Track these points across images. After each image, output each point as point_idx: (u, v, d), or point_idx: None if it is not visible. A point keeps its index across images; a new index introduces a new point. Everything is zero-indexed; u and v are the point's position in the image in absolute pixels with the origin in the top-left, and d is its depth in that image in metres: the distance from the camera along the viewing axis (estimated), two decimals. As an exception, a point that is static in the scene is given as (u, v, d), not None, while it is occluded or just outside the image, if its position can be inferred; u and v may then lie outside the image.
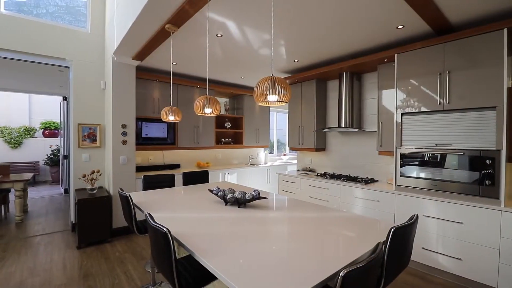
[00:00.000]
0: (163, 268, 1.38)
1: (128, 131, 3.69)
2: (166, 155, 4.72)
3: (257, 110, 5.67)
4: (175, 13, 2.30)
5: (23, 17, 3.46)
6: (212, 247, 1.34)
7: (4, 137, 7.78)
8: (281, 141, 7.42)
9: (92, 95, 3.89)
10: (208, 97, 2.07)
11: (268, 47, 3.22)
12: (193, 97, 4.70)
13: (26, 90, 6.45)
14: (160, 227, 1.28)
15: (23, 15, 3.51)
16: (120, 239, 3.54)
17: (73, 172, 3.77)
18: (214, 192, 2.28)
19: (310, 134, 4.02)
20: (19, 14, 3.49)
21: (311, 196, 3.68)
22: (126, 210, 2.09)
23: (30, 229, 3.97)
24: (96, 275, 2.62)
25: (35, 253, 3.11)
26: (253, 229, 1.63)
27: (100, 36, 3.97)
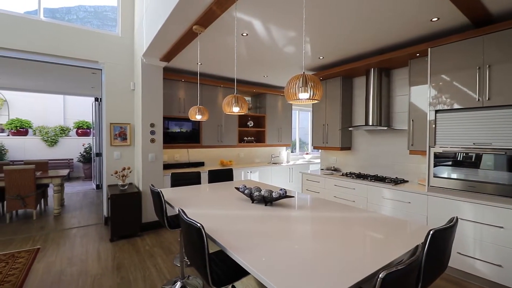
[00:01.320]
0: (196, 262, 1.42)
1: (156, 130, 3.83)
2: (191, 153, 4.84)
3: (280, 108, 5.65)
4: (202, 14, 2.35)
5: (60, 23, 3.69)
6: (242, 244, 1.36)
7: (42, 136, 8.38)
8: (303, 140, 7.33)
9: (122, 95, 4.07)
10: (236, 96, 2.09)
11: (293, 45, 3.19)
12: (217, 96, 4.78)
13: (61, 91, 6.90)
14: (194, 222, 1.32)
15: (61, 22, 3.75)
16: (149, 233, 3.69)
17: (106, 168, 3.97)
18: (240, 190, 2.30)
19: (335, 133, 3.94)
20: (56, 20, 3.73)
21: (336, 196, 3.61)
22: (157, 205, 2.18)
23: (67, 221, 4.25)
24: (128, 266, 2.75)
25: (72, 244, 3.32)
26: (281, 227, 1.64)
27: (129, 39, 4.14)
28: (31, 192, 4.19)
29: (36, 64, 4.01)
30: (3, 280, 2.45)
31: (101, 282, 2.45)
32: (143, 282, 2.46)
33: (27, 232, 3.73)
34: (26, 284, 2.41)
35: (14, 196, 4.10)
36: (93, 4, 5.06)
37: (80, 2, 4.77)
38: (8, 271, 2.63)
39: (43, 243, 3.36)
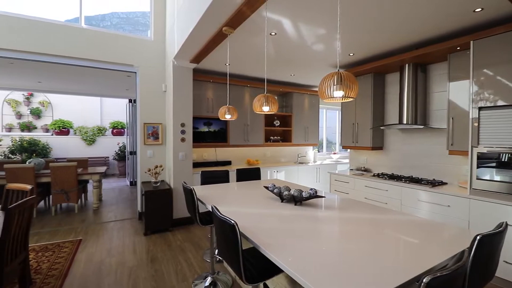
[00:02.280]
0: (229, 258, 1.45)
1: (186, 130, 3.96)
2: (219, 152, 4.94)
3: (306, 107, 5.58)
4: (232, 16, 2.39)
5: (99, 30, 3.95)
6: (274, 242, 1.37)
7: (82, 135, 9.04)
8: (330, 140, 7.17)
9: (154, 97, 4.27)
10: (266, 96, 2.10)
11: (322, 42, 3.14)
12: (244, 96, 4.83)
13: (98, 94, 7.40)
14: (228, 219, 1.35)
15: (100, 28, 4.01)
16: (180, 229, 3.83)
17: (140, 166, 4.19)
18: (269, 189, 2.31)
19: (366, 132, 3.81)
20: (95, 27, 4.00)
21: (367, 198, 3.49)
22: (189, 202, 2.25)
23: (104, 215, 4.54)
24: (161, 260, 2.88)
25: (110, 237, 3.55)
26: (312, 227, 1.62)
27: (161, 43, 4.32)
28: (73, 187, 4.55)
29: (77, 69, 4.33)
30: (51, 268, 2.68)
31: (137, 273, 2.59)
32: (175, 275, 2.56)
33: (70, 224, 4.05)
34: (71, 272, 2.62)
35: (58, 191, 4.47)
36: (125, 11, 5.34)
37: (113, 9, 5.06)
38: (55, 259, 2.88)
39: (84, 234, 3.63)
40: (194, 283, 2.41)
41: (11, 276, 1.81)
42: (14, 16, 3.47)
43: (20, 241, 1.88)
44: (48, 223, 4.09)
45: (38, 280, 2.44)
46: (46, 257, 2.92)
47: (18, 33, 3.47)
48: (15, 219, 1.71)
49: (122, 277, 2.53)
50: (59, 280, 2.44)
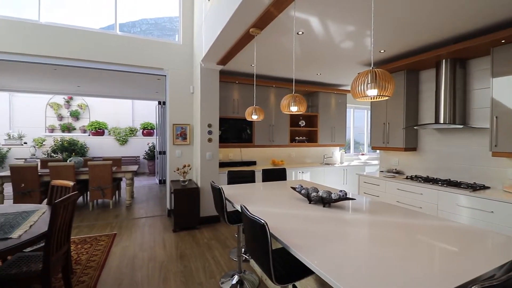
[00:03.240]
0: (258, 257, 1.45)
1: (213, 130, 4.05)
2: (244, 152, 4.99)
3: (333, 107, 5.45)
4: (260, 16, 2.40)
5: (132, 36, 4.17)
6: (304, 243, 1.35)
7: (115, 136, 9.59)
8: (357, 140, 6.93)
9: (183, 98, 4.41)
10: (295, 96, 2.09)
11: (351, 40, 3.05)
12: (269, 97, 4.83)
13: (130, 97, 7.79)
14: (258, 219, 1.36)
15: (133, 35, 4.23)
16: (207, 227, 3.92)
17: (169, 165, 4.35)
18: (297, 189, 2.29)
19: (398, 132, 3.63)
20: (129, 34, 4.23)
21: (399, 201, 3.32)
22: (218, 201, 2.30)
23: (136, 212, 4.78)
24: (189, 256, 2.97)
25: (142, 232, 3.72)
26: (342, 229, 1.58)
27: (189, 46, 4.46)
28: (108, 184, 4.83)
29: (112, 73, 4.60)
30: (89, 259, 2.87)
31: (168, 268, 2.69)
32: (203, 272, 2.62)
33: (106, 219, 4.31)
34: (107, 264, 2.79)
35: (95, 187, 4.77)
36: (153, 17, 5.56)
37: (142, 16, 5.31)
38: (93, 251, 3.08)
39: (118, 229, 3.84)
40: (221, 281, 2.45)
41: (56, 266, 1.96)
42: (58, 26, 3.77)
43: (64, 234, 2.04)
44: (86, 217, 4.39)
45: (78, 271, 2.62)
46: (85, 249, 3.13)
47: (61, 41, 3.77)
48: (60, 213, 1.85)
49: (153, 271, 2.64)
50: (97, 271, 2.60)
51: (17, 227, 1.87)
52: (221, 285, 2.41)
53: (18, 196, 4.41)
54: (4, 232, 1.76)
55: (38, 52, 3.68)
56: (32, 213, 2.21)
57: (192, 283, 2.43)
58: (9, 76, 5.12)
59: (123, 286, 2.37)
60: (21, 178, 4.39)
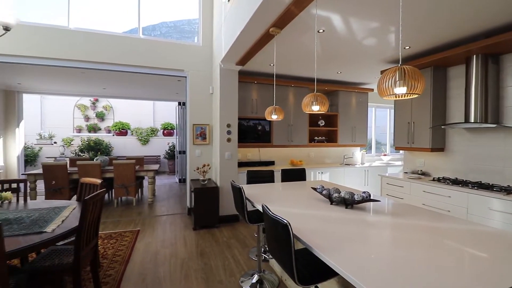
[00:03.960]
0: (280, 258, 1.45)
1: (232, 130, 4.08)
2: (262, 152, 4.99)
3: (353, 106, 5.32)
4: (280, 16, 2.38)
5: (154, 39, 4.30)
6: (327, 244, 1.33)
7: (138, 135, 9.93)
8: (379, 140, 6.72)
9: (202, 99, 4.49)
10: (316, 95, 2.06)
11: (374, 36, 2.96)
12: (288, 96, 4.80)
13: (152, 98, 8.03)
14: (281, 219, 1.35)
15: (155, 38, 4.36)
16: (226, 225, 3.96)
17: (189, 165, 4.44)
18: (318, 190, 2.25)
19: (424, 132, 3.48)
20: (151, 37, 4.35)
21: (425, 204, 3.18)
22: (238, 200, 2.31)
23: (158, 209, 4.92)
24: (209, 254, 3.01)
25: (163, 229, 3.82)
26: (365, 231, 1.54)
27: (208, 48, 4.53)
28: (132, 182, 5.01)
29: (135, 75, 4.75)
30: (115, 254, 2.99)
31: (189, 265, 2.75)
32: (223, 270, 2.65)
33: (129, 216, 4.47)
34: (132, 259, 2.89)
35: (120, 185, 4.97)
36: (172, 20, 5.70)
37: (162, 19, 5.45)
38: (118, 247, 3.20)
39: (141, 226, 3.97)
40: (241, 280, 2.47)
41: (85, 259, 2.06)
42: (85, 31, 3.96)
43: (93, 229, 2.14)
44: (111, 214, 4.58)
45: (105, 264, 2.73)
46: (111, 244, 3.27)
47: (88, 46, 3.95)
48: (90, 209, 1.95)
49: (175, 267, 2.71)
50: (122, 266, 2.71)
51: (50, 222, 1.98)
52: (241, 283, 2.42)
53: (49, 192, 4.68)
54: (39, 226, 1.88)
55: (67, 57, 3.88)
56: (64, 209, 2.33)
57: (213, 281, 2.46)
58: (40, 80, 5.45)
59: (146, 281, 2.45)
60: (52, 175, 4.66)
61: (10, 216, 2.10)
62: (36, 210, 2.28)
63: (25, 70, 4.55)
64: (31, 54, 3.72)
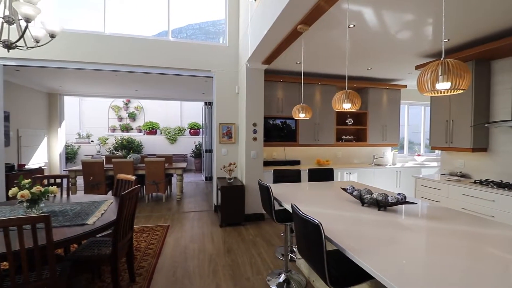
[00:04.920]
0: (311, 258, 1.42)
1: (257, 129, 4.10)
2: (287, 151, 4.95)
3: (384, 104, 5.08)
4: (309, 12, 2.34)
5: (183, 41, 4.43)
6: (360, 247, 1.28)
7: (166, 135, 10.32)
8: (411, 140, 6.36)
9: (228, 98, 4.55)
10: (347, 92, 1.99)
11: (409, 29, 2.80)
12: (314, 94, 4.71)
13: (179, 98, 8.31)
14: (312, 219, 1.32)
15: (183, 40, 4.49)
16: (251, 224, 3.98)
17: (216, 163, 4.52)
18: (348, 191, 2.18)
19: (464, 130, 3.23)
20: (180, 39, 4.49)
21: (465, 208, 2.96)
22: (266, 199, 2.31)
23: (186, 206, 5.08)
24: (236, 251, 3.05)
25: (191, 225, 3.94)
26: (400, 235, 1.46)
27: (235, 48, 4.57)
28: (162, 179, 5.22)
29: (165, 77, 4.94)
30: (147, 247, 3.13)
31: (216, 261, 2.81)
32: (250, 268, 2.67)
33: (159, 211, 4.67)
34: (163, 252, 3.01)
35: (151, 182, 5.20)
36: (198, 22, 5.83)
37: (188, 22, 5.60)
38: (150, 240, 3.35)
39: (171, 221, 4.12)
40: (268, 278, 2.47)
41: (121, 251, 2.18)
42: (119, 36, 4.18)
43: (128, 222, 2.26)
44: (143, 209, 4.80)
45: (138, 257, 2.88)
46: (143, 237, 3.43)
47: (122, 50, 4.17)
48: (126, 204, 2.06)
49: (203, 262, 2.77)
50: (154, 258, 2.83)
51: (91, 215, 2.12)
52: (268, 282, 2.42)
53: (87, 187, 5.02)
54: (81, 219, 2.02)
55: (103, 60, 4.12)
56: (102, 203, 2.49)
57: (240, 278, 2.49)
58: (79, 83, 5.86)
59: (177, 274, 2.54)
60: (90, 172, 5.00)
61: (56, 208, 2.28)
62: (78, 204, 2.45)
63: (66, 74, 4.93)
64: (72, 59, 4.01)
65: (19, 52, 2.71)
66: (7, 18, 2.09)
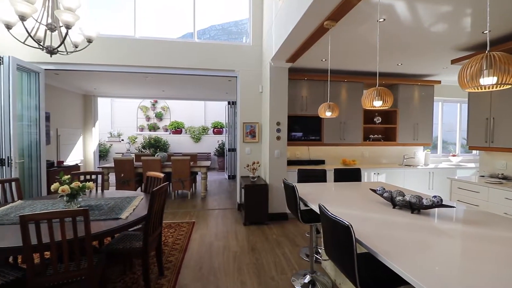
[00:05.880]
0: (340, 261, 1.38)
1: (281, 128, 4.07)
2: (311, 151, 4.87)
3: (416, 101, 4.82)
4: (336, 7, 2.27)
5: (208, 42, 4.51)
6: (394, 251, 1.23)
7: (191, 134, 10.60)
8: (445, 139, 5.96)
9: (252, 98, 4.56)
10: (378, 89, 1.91)
11: (446, 21, 2.63)
12: (340, 92, 4.58)
13: (204, 98, 8.49)
14: (342, 220, 1.29)
15: (208, 41, 4.58)
16: (275, 223, 3.97)
17: (239, 162, 4.56)
18: (378, 192, 2.10)
19: (508, 129, 2.97)
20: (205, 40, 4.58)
21: (507, 213, 2.72)
22: (291, 199, 2.29)
23: (210, 203, 5.18)
24: (260, 250, 3.06)
25: (216, 223, 4.01)
26: (437, 240, 1.38)
27: (258, 47, 4.57)
28: (187, 177, 5.37)
29: (190, 77, 5.06)
30: (174, 242, 3.24)
31: (241, 259, 2.83)
32: (274, 267, 2.66)
33: (185, 208, 4.81)
34: (189, 248, 3.09)
35: (177, 179, 5.37)
36: (220, 23, 5.91)
37: (211, 23, 5.69)
38: (177, 236, 3.46)
39: (196, 218, 4.23)
40: (292, 279, 2.45)
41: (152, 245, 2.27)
42: (148, 39, 4.35)
43: (158, 218, 2.34)
44: (169, 205, 4.97)
45: (166, 251, 2.98)
46: (170, 233, 3.55)
47: (151, 52, 4.33)
48: (156, 200, 2.14)
49: (228, 259, 2.81)
50: (181, 253, 2.92)
51: (124, 210, 2.23)
52: (292, 282, 2.40)
53: (118, 184, 5.29)
54: (115, 213, 2.13)
55: (134, 63, 4.31)
56: (134, 199, 2.61)
57: (264, 277, 2.49)
58: (111, 85, 6.19)
59: (203, 270, 2.59)
60: (121, 169, 5.26)
61: (92, 203, 2.42)
62: (111, 199, 2.59)
63: (100, 76, 5.23)
64: (106, 62, 4.23)
65: (59, 57, 2.92)
66: (50, 25, 2.26)
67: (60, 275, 1.63)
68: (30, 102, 3.85)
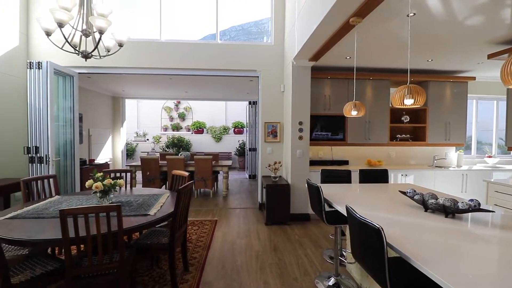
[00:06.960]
0: (369, 265, 1.34)
1: (303, 128, 4.02)
2: (334, 151, 4.76)
3: (447, 98, 4.56)
4: (363, 4, 2.20)
5: (230, 43, 4.56)
6: (428, 256, 1.17)
7: (212, 133, 10.78)
8: (480, 139, 5.58)
9: (274, 97, 4.55)
10: (410, 86, 1.82)
11: (482, 14, 2.46)
12: (365, 90, 4.44)
13: (225, 98, 8.60)
14: (372, 223, 1.25)
15: (230, 41, 4.63)
16: (297, 224, 3.94)
17: (261, 161, 4.57)
18: (408, 194, 2.01)
19: (553, 128, 2.73)
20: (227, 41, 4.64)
21: (555, 219, 2.49)
22: (315, 200, 2.26)
23: (231, 202, 5.24)
24: (282, 250, 3.04)
25: (237, 222, 4.05)
26: (475, 246, 1.29)
27: (280, 46, 4.55)
28: (209, 176, 5.47)
29: (212, 78, 5.14)
30: (198, 240, 3.31)
31: (263, 258, 2.84)
32: (297, 268, 2.64)
33: (207, 206, 4.90)
34: (212, 246, 3.15)
35: (199, 178, 5.48)
36: (240, 23, 5.94)
37: (231, 24, 5.73)
38: (200, 233, 3.53)
39: (218, 216, 4.30)
40: (316, 281, 2.41)
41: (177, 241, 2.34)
42: (173, 42, 4.48)
43: (184, 215, 2.41)
44: (192, 203, 5.09)
45: (190, 248, 3.06)
46: (194, 230, 3.64)
47: (175, 54, 4.46)
48: (182, 198, 2.20)
49: (251, 258, 2.83)
50: (204, 251, 2.98)
51: (152, 206, 2.31)
52: (316, 284, 2.36)
53: (144, 181, 5.51)
54: (144, 210, 2.21)
55: (159, 65, 4.46)
56: (160, 196, 2.70)
57: (287, 277, 2.47)
58: (138, 87, 6.46)
59: (226, 268, 2.63)
60: (147, 167, 5.47)
61: (122, 199, 2.54)
62: (140, 196, 2.70)
63: (128, 79, 5.47)
64: (134, 65, 4.42)
65: (91, 61, 3.10)
66: (85, 31, 2.40)
67: (94, 267, 1.73)
68: (65, 104, 4.11)
